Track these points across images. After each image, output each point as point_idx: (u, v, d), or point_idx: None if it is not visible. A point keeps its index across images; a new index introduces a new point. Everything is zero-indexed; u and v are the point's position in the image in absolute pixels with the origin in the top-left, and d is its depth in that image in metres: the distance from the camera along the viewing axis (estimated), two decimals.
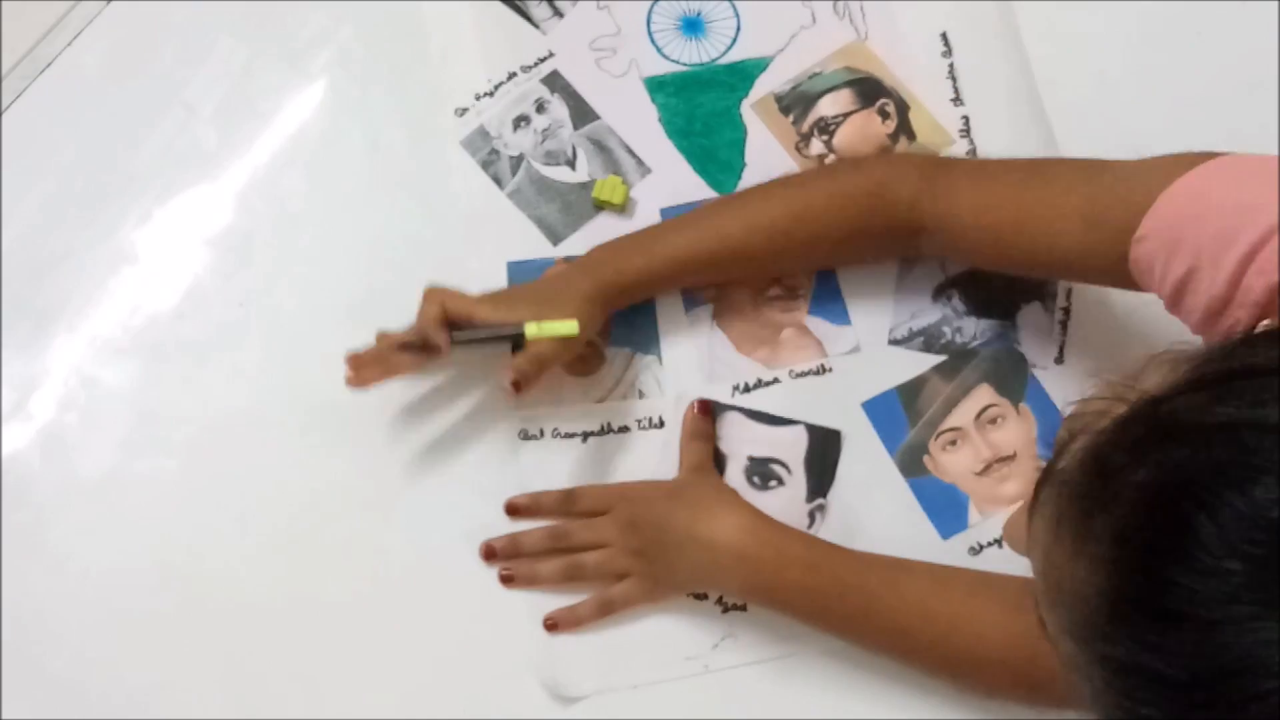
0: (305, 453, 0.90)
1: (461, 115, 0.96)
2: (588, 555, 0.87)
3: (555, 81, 0.97)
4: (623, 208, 0.94)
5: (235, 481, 0.90)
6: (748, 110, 0.97)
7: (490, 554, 0.88)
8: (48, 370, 0.92)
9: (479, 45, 0.98)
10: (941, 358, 0.92)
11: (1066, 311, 0.92)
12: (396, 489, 0.90)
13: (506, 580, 0.88)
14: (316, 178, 0.96)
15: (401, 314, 0.92)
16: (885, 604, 0.81)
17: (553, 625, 0.87)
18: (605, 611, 0.87)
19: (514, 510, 0.89)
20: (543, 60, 0.98)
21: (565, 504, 0.89)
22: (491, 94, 0.97)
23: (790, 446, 0.90)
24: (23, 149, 0.96)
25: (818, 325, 0.92)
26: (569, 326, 0.82)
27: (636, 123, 0.97)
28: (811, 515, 0.89)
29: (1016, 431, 0.91)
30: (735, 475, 0.90)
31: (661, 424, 0.91)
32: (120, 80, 0.98)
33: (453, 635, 0.88)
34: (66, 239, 0.94)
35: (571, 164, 0.96)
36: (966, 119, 0.96)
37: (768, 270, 0.92)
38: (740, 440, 0.91)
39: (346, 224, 0.95)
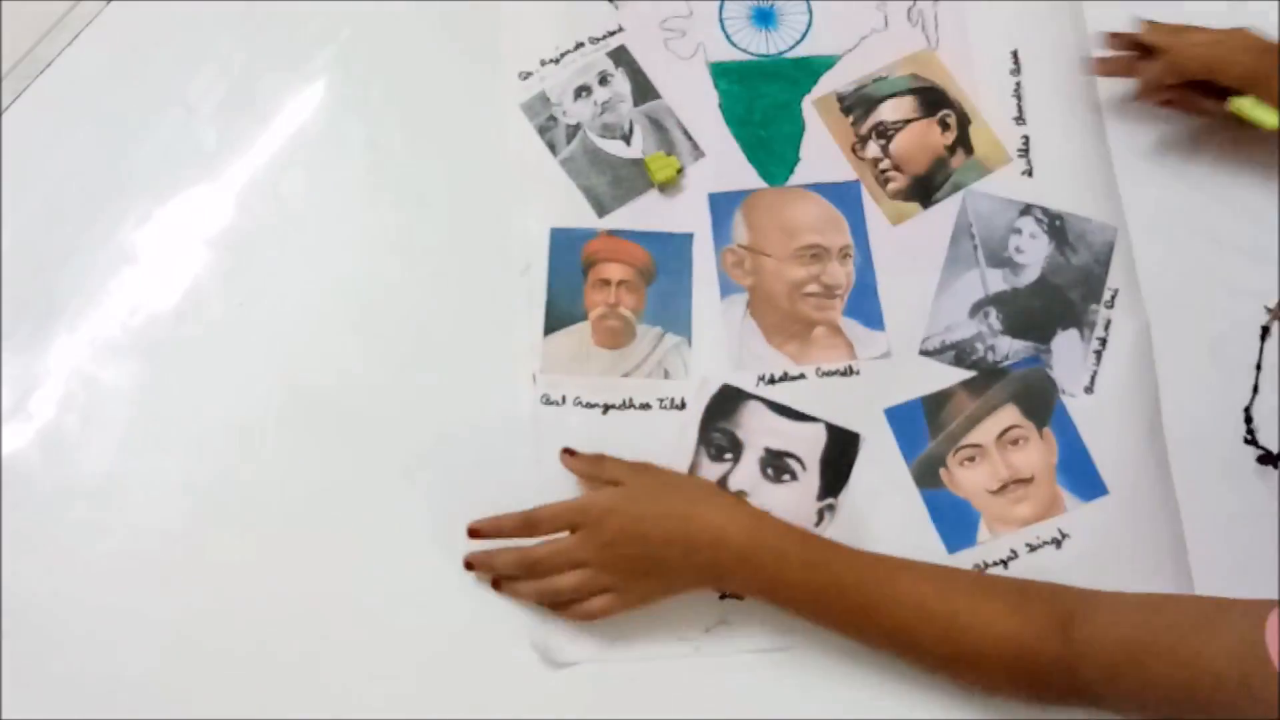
0: (305, 452, 0.90)
1: (525, 79, 0.98)
2: (564, 578, 0.84)
3: (621, 56, 0.98)
4: (673, 184, 0.95)
5: (235, 481, 0.90)
6: (808, 106, 0.97)
7: (469, 566, 0.87)
8: (48, 370, 0.92)
9: (552, 10, 1.00)
10: (971, 373, 0.91)
11: (1103, 342, 0.92)
12: (397, 489, 0.89)
13: (495, 584, 0.87)
14: (316, 178, 0.96)
15: (401, 314, 0.93)
16: (883, 603, 0.81)
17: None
18: (585, 619, 0.85)
19: (475, 534, 0.86)
20: (612, 34, 0.99)
21: (526, 529, 0.85)
22: (557, 61, 0.98)
23: (808, 443, 0.90)
24: (23, 149, 0.96)
25: (851, 327, 0.93)
26: None
27: (696, 106, 0.98)
28: (820, 514, 0.89)
29: (1037, 455, 0.90)
30: (750, 465, 0.90)
31: (683, 405, 0.91)
32: (120, 80, 0.98)
33: (454, 631, 0.87)
34: (66, 239, 0.94)
35: (627, 139, 0.97)
36: (1026, 139, 0.97)
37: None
38: (759, 430, 0.90)
39: (346, 224, 0.95)
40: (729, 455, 0.90)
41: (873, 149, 0.96)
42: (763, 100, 0.98)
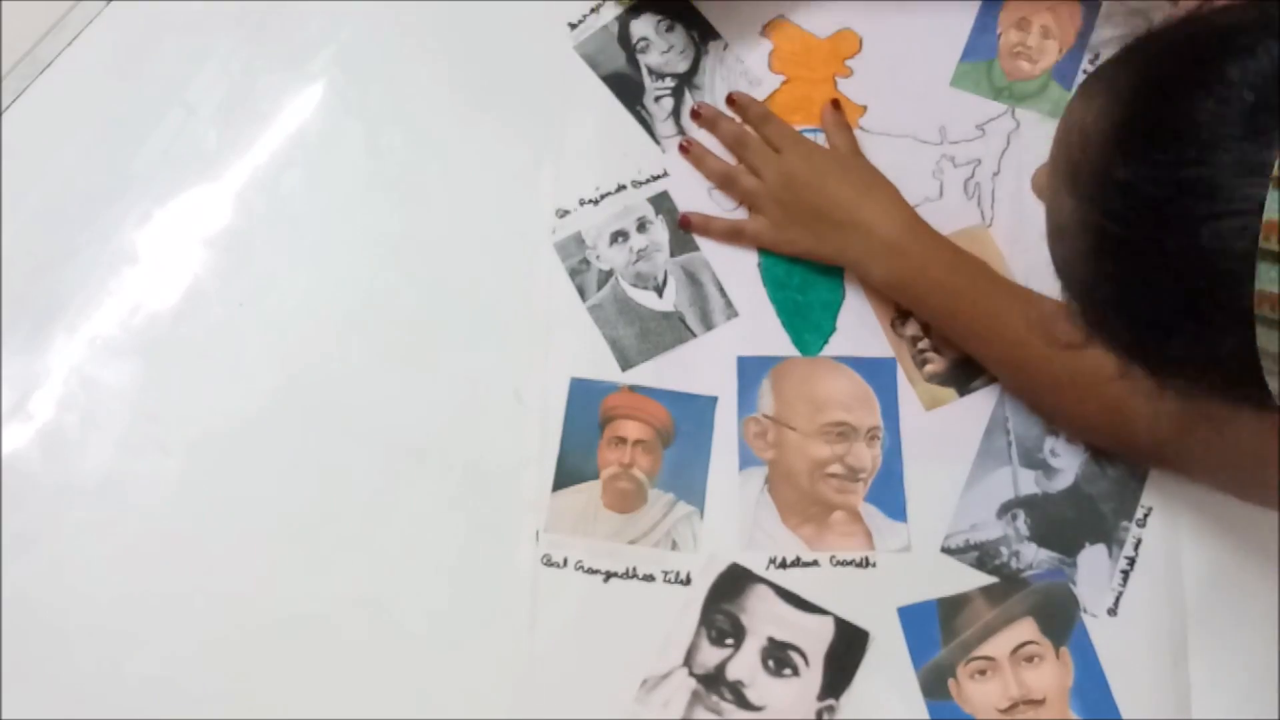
0: (305, 453, 0.90)
1: (562, 218, 0.94)
2: (745, 177, 0.92)
3: (662, 203, 0.94)
4: None
5: (235, 481, 0.90)
6: (851, 276, 0.93)
7: (695, 114, 0.95)
8: (48, 370, 0.92)
9: (598, 150, 0.96)
10: (992, 579, 0.86)
11: (1131, 562, 0.86)
12: (398, 488, 0.90)
13: (684, 149, 0.94)
14: (316, 178, 0.96)
15: (403, 315, 0.93)
16: (1009, 320, 0.83)
17: (686, 222, 0.93)
18: (732, 239, 0.92)
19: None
20: (656, 178, 0.95)
21: (758, 121, 0.94)
22: (596, 202, 0.94)
23: (814, 636, 0.85)
24: (23, 149, 0.96)
25: (872, 515, 0.88)
26: None
27: (735, 263, 0.93)
28: (819, 715, 0.84)
29: (1052, 675, 0.84)
30: (750, 654, 0.85)
31: (688, 581, 0.86)
32: (120, 80, 0.98)
33: (451, 637, 0.87)
34: (66, 239, 0.94)
35: (659, 290, 0.93)
36: None
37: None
38: (765, 618, 0.86)
39: (346, 224, 0.95)
40: (730, 640, 0.85)
41: (913, 326, 0.90)
42: (803, 265, 0.92)
